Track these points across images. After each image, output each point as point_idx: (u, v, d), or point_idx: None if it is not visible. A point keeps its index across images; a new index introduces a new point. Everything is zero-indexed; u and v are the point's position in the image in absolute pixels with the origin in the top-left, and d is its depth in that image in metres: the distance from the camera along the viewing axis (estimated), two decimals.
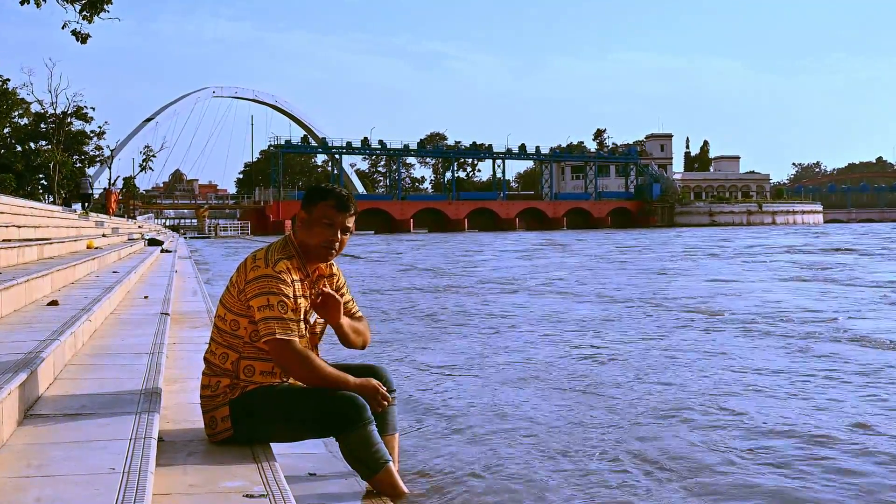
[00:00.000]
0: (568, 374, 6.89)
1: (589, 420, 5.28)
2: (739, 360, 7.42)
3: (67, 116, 53.03)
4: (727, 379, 6.54)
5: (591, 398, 5.93)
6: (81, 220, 20.69)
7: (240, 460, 3.04)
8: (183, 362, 4.95)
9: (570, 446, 4.66)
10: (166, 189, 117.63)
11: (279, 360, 3.26)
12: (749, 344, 8.35)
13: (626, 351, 8.01)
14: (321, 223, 3.36)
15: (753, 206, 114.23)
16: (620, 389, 6.19)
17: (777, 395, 5.94)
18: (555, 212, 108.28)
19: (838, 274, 18.71)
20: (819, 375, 6.62)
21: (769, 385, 6.26)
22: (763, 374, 6.70)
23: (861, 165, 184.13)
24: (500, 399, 5.95)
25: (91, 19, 14.21)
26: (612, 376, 6.72)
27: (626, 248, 36.79)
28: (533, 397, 6.03)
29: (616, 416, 5.38)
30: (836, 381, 6.37)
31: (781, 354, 7.69)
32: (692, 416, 5.32)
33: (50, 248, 8.94)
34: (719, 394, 5.98)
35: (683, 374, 6.77)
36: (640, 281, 17.73)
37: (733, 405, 5.60)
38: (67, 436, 2.77)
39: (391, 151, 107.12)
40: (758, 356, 7.59)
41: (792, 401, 5.74)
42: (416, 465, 4.27)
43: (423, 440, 4.83)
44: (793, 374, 6.71)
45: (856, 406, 5.55)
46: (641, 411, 5.49)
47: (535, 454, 4.51)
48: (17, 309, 5.10)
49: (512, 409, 5.63)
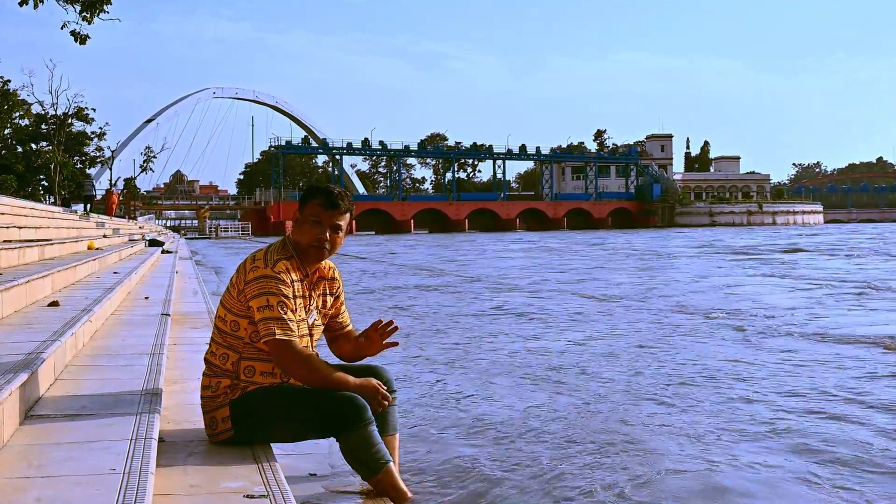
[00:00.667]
0: (569, 371, 6.90)
1: (590, 415, 5.29)
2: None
3: (68, 117, 53.08)
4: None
5: (591, 395, 5.94)
6: (82, 221, 20.70)
7: (240, 461, 3.04)
8: (183, 363, 4.95)
9: (572, 442, 4.67)
10: (167, 190, 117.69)
11: (279, 360, 3.26)
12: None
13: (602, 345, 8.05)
14: (310, 221, 3.37)
15: (754, 206, 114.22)
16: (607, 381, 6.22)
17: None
18: (555, 212, 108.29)
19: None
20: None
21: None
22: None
23: (861, 166, 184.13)
24: (497, 398, 5.95)
25: (91, 20, 14.19)
26: (598, 369, 6.75)
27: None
28: (529, 395, 6.05)
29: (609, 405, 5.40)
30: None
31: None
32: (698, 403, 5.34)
33: (51, 248, 8.94)
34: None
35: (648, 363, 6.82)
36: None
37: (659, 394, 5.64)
38: (68, 436, 2.78)
39: (392, 152, 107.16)
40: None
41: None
42: (417, 465, 4.27)
43: (423, 440, 4.83)
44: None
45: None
46: (631, 402, 5.52)
47: (535, 452, 4.50)
48: (18, 309, 5.10)
49: (510, 408, 5.63)
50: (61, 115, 52.70)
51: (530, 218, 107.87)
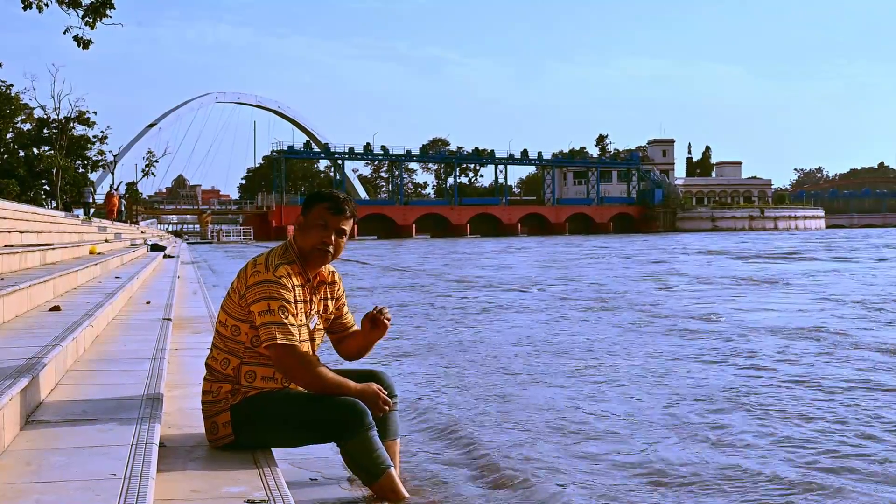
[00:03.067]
0: (561, 368, 6.91)
1: (589, 418, 5.29)
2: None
3: (70, 121, 53.14)
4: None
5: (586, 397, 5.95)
6: (84, 226, 20.71)
7: (241, 466, 3.04)
8: (185, 368, 4.95)
9: (567, 442, 4.67)
10: (169, 194, 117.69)
11: (280, 364, 3.26)
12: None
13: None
14: (316, 225, 3.37)
15: (755, 211, 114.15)
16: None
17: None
18: (557, 217, 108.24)
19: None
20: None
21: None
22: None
23: (863, 171, 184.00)
24: (495, 401, 5.95)
25: (93, 25, 14.23)
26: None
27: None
28: (525, 395, 6.07)
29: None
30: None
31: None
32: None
33: (52, 253, 8.95)
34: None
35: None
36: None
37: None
38: (69, 441, 2.78)
39: (393, 157, 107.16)
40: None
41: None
42: (418, 470, 4.26)
43: (422, 445, 4.82)
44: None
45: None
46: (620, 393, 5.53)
47: (534, 454, 4.50)
48: (20, 314, 5.11)
49: (507, 410, 5.63)
50: (63, 118, 52.75)
51: (532, 223, 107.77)
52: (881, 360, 7.63)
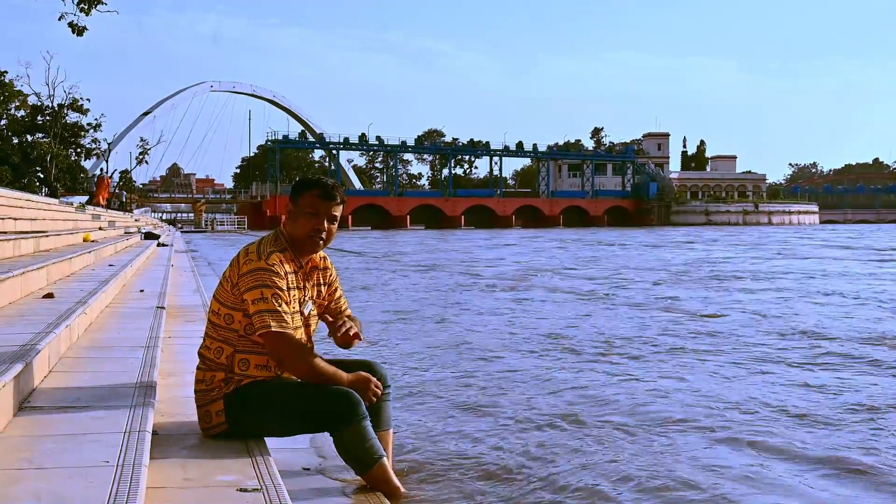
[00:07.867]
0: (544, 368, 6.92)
1: (586, 408, 5.30)
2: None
3: (64, 108, 52.86)
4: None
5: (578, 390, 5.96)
6: (78, 213, 20.64)
7: (234, 454, 3.04)
8: (178, 356, 4.95)
9: (562, 435, 4.68)
10: (163, 183, 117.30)
11: (274, 352, 3.26)
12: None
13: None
14: (306, 213, 3.36)
15: (750, 206, 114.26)
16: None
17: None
18: (551, 209, 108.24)
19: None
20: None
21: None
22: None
23: (857, 166, 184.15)
24: (488, 391, 5.96)
25: (89, 12, 14.13)
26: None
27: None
28: (520, 388, 6.07)
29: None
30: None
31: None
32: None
33: (46, 240, 8.93)
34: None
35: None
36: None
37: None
38: (62, 428, 2.78)
39: (388, 147, 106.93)
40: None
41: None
42: (410, 460, 4.27)
43: (416, 434, 4.84)
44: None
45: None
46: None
47: (528, 445, 4.52)
48: (13, 301, 5.10)
49: (498, 402, 5.64)
50: (57, 106, 52.48)
51: (526, 215, 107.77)
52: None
